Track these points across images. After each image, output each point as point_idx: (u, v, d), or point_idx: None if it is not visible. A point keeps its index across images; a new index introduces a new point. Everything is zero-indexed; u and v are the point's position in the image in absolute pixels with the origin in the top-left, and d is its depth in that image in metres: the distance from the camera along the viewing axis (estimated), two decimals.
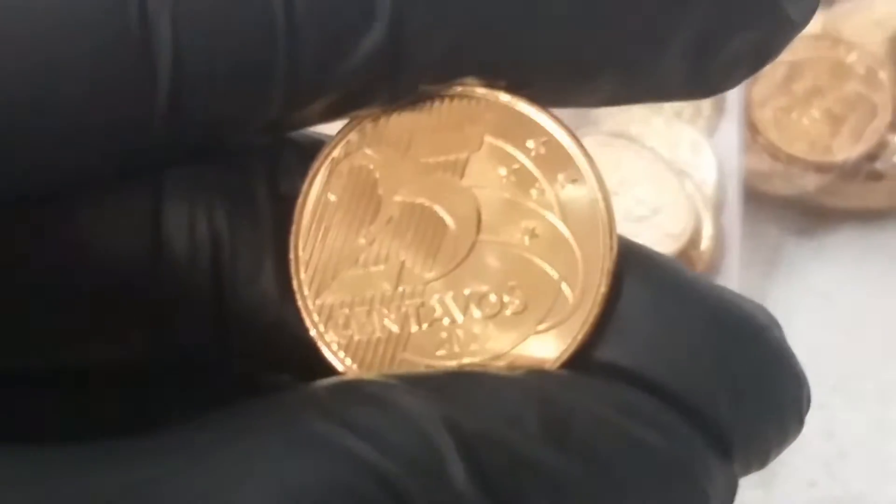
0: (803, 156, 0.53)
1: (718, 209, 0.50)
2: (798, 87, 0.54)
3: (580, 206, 0.17)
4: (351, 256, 0.17)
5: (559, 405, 0.15)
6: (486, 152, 0.17)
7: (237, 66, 0.15)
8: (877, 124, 0.53)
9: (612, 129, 0.50)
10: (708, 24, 0.16)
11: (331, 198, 0.17)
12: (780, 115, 0.54)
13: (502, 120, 0.17)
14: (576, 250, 0.17)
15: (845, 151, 0.53)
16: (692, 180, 0.50)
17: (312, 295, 0.17)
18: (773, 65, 0.53)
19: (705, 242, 0.49)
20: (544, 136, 0.17)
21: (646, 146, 0.49)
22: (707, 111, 0.52)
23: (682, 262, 0.18)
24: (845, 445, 0.48)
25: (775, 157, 0.53)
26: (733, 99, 0.52)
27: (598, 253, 0.17)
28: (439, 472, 0.14)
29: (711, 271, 0.49)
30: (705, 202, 0.50)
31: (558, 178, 0.17)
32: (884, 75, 0.53)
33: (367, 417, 0.15)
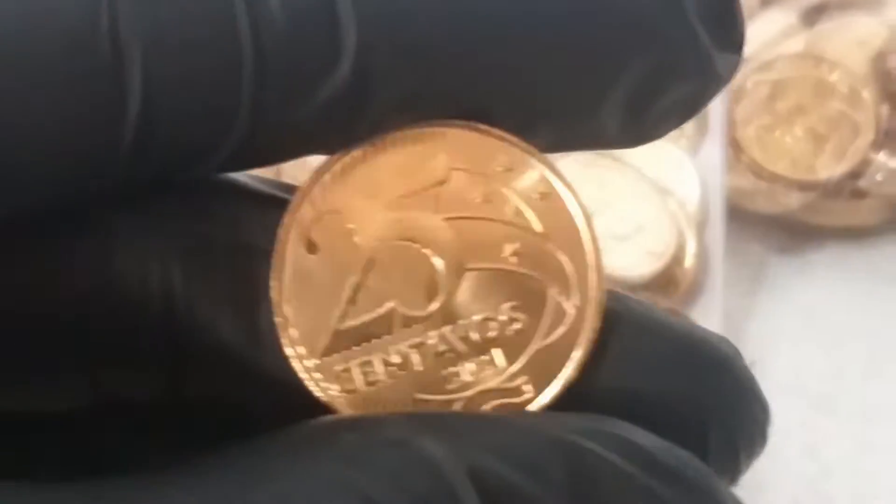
0: (786, 174, 0.53)
1: (702, 227, 0.50)
2: (781, 106, 0.54)
3: (558, 217, 0.17)
4: (339, 309, 0.17)
5: (586, 459, 0.15)
6: (455, 182, 0.17)
7: (204, 99, 0.15)
8: (860, 143, 0.53)
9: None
10: (645, 79, 0.16)
11: (307, 254, 0.17)
12: (764, 133, 0.54)
13: (463, 147, 0.17)
14: (563, 260, 0.17)
15: (828, 170, 0.53)
16: (675, 198, 0.50)
17: (307, 355, 0.17)
18: (757, 83, 0.54)
19: (689, 260, 0.49)
20: (506, 156, 0.17)
21: (629, 165, 0.49)
22: (690, 130, 0.52)
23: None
24: (829, 463, 0.48)
25: (758, 175, 0.53)
26: (716, 117, 0.52)
27: (585, 256, 0.17)
28: None
29: (695, 289, 0.49)
30: (689, 220, 0.50)
31: (530, 195, 0.17)
32: (866, 94, 0.53)
33: (389, 462, 0.15)
